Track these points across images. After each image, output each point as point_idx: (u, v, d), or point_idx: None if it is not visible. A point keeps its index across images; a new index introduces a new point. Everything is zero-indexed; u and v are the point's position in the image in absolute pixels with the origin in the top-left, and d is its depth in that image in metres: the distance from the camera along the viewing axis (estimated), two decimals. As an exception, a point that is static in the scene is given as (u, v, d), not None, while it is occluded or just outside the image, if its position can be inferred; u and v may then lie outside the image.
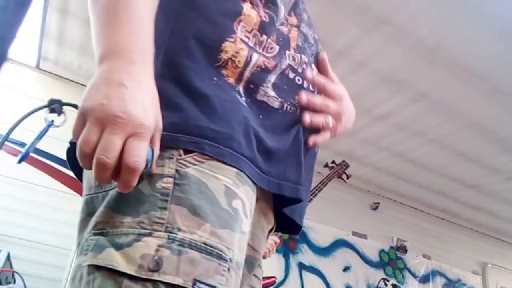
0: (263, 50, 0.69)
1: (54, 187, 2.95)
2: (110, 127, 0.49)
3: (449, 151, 3.53)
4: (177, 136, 0.58)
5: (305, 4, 0.87)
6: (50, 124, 0.59)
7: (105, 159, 0.48)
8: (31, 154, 2.99)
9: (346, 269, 4.05)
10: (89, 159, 0.50)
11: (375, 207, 4.47)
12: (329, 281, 3.89)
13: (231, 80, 0.65)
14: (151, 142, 0.53)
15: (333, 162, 2.87)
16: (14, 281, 2.33)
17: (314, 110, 0.73)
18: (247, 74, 0.66)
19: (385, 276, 4.10)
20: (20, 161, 0.56)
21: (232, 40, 0.66)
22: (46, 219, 2.84)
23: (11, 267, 2.32)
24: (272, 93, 0.68)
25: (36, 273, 2.65)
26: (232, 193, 0.59)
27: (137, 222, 0.54)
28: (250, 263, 0.72)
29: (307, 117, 0.71)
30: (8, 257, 2.26)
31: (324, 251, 3.99)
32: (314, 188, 2.55)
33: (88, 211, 0.60)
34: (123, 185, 0.51)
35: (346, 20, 2.36)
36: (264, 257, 2.07)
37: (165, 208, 0.54)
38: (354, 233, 4.22)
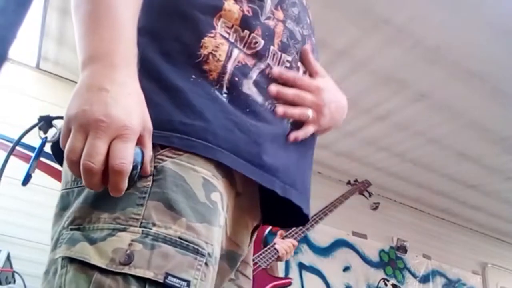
0: (244, 46, 0.68)
1: (54, 187, 2.95)
2: (93, 132, 0.49)
3: (449, 151, 3.53)
4: (170, 134, 0.58)
5: None
6: (44, 141, 0.61)
7: (90, 164, 0.49)
8: (30, 154, 2.99)
9: (346, 269, 4.05)
10: (77, 166, 0.50)
11: (375, 207, 4.47)
12: (329, 281, 3.89)
13: (214, 75, 0.64)
14: (141, 143, 0.53)
15: (356, 180, 2.97)
16: (14, 281, 2.33)
17: (288, 102, 0.70)
18: (230, 67, 0.65)
19: (385, 276, 4.10)
20: (24, 183, 0.58)
21: (211, 35, 0.66)
22: (46, 219, 2.82)
23: (11, 267, 2.31)
24: (254, 89, 0.68)
25: (36, 273, 2.64)
26: (210, 185, 0.59)
27: (113, 218, 0.54)
28: (232, 258, 0.71)
29: (280, 109, 0.69)
30: (8, 257, 2.26)
31: (324, 251, 3.99)
32: (335, 201, 2.58)
33: (63, 206, 0.61)
34: (113, 189, 0.51)
35: (346, 20, 2.36)
36: (281, 259, 2.09)
37: (142, 205, 0.55)
38: (354, 233, 4.21)
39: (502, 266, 5.10)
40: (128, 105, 0.51)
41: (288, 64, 0.73)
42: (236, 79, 0.66)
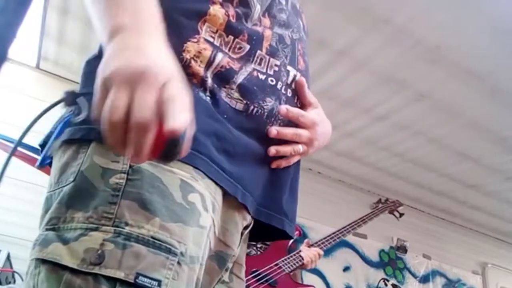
0: (229, 50, 0.69)
1: (54, 187, 2.96)
2: (141, 84, 0.45)
3: (449, 151, 3.53)
4: None
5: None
6: (68, 119, 0.58)
7: (145, 118, 0.45)
8: (31, 154, 3.00)
9: (346, 269, 4.05)
10: (119, 130, 0.46)
11: (375, 207, 4.47)
12: (329, 281, 3.89)
13: (195, 81, 0.65)
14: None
15: (386, 199, 2.98)
16: (14, 281, 2.33)
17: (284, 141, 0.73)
18: (209, 74, 0.66)
19: (385, 276, 4.10)
20: (41, 165, 0.57)
21: (195, 40, 0.66)
22: (46, 219, 2.84)
23: (11, 267, 2.31)
24: (236, 94, 0.68)
25: (36, 273, 2.65)
26: (188, 186, 0.59)
27: (87, 217, 0.54)
28: (221, 258, 0.71)
29: (273, 150, 0.71)
30: (8, 257, 2.26)
31: (324, 251, 3.99)
32: (364, 216, 2.62)
33: (46, 208, 0.62)
34: (174, 124, 0.46)
35: (346, 20, 2.36)
36: (305, 267, 2.10)
37: (115, 203, 0.54)
38: (354, 233, 4.21)
39: (502, 266, 5.10)
40: (165, 59, 0.50)
41: (276, 68, 0.73)
42: (216, 85, 0.66)
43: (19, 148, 2.95)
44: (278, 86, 0.73)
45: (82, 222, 0.54)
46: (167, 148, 0.47)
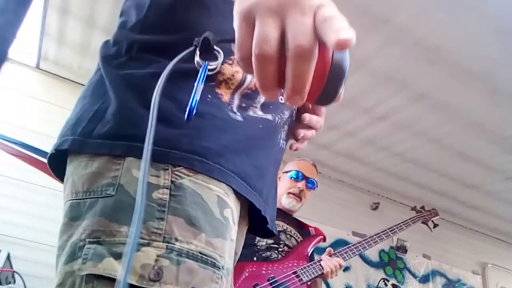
0: None
1: (54, 187, 2.95)
2: (292, 8, 0.39)
3: (449, 151, 3.53)
4: (169, 151, 0.59)
5: None
6: (206, 66, 0.53)
7: (307, 44, 0.38)
8: (31, 154, 2.98)
9: (346, 269, 4.04)
10: (273, 65, 0.40)
11: (375, 207, 4.47)
12: (329, 281, 3.89)
13: (225, 99, 0.66)
14: None
15: (422, 207, 2.84)
16: (14, 281, 2.33)
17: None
18: (237, 95, 0.68)
19: (385, 276, 4.10)
20: (188, 118, 0.52)
21: (230, 62, 0.67)
22: (46, 219, 2.83)
23: (11, 267, 2.31)
24: (259, 112, 0.71)
25: (36, 273, 2.65)
26: (223, 202, 0.61)
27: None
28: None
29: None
30: (8, 257, 2.26)
31: (322, 251, 3.99)
32: (395, 226, 2.52)
33: (72, 216, 0.60)
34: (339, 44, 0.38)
35: (346, 20, 2.36)
36: (325, 277, 2.04)
37: (162, 219, 0.55)
38: (354, 233, 4.21)
39: (502, 266, 5.10)
40: None
41: None
42: (243, 105, 0.69)
43: (18, 148, 2.95)
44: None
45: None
46: (331, 79, 0.41)
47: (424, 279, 4.52)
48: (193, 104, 0.51)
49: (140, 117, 0.59)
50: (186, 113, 0.52)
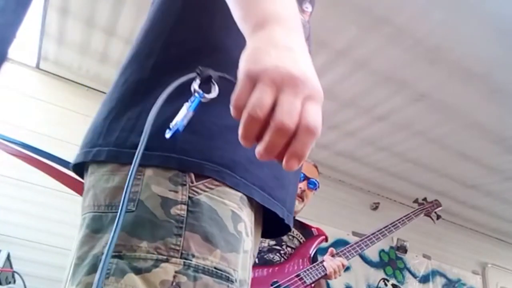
0: None
1: (54, 187, 2.95)
2: (289, 88, 0.45)
3: (449, 151, 3.53)
4: (203, 163, 0.61)
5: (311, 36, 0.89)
6: (201, 96, 0.56)
7: (289, 124, 0.44)
8: (31, 154, 2.98)
9: (346, 269, 3.99)
10: (258, 125, 0.45)
11: (375, 207, 4.47)
12: (329, 281, 3.89)
13: None
14: None
15: (424, 199, 2.76)
16: (14, 281, 2.33)
17: None
18: None
19: (385, 276, 4.10)
20: (171, 136, 0.54)
21: None
22: (46, 219, 2.84)
23: (11, 267, 2.32)
24: None
25: (36, 273, 2.65)
26: (237, 217, 0.63)
27: (154, 247, 0.56)
28: None
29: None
30: (8, 257, 2.26)
31: (324, 251, 3.98)
32: (397, 221, 2.47)
33: (94, 228, 0.62)
34: (301, 148, 0.45)
35: (346, 20, 2.36)
36: (329, 278, 2.03)
37: (180, 235, 0.57)
38: (354, 233, 4.21)
39: (502, 266, 5.10)
40: (313, 69, 0.49)
41: None
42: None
43: (18, 148, 2.95)
44: None
45: (151, 253, 0.56)
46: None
47: (424, 279, 4.52)
48: (179, 129, 0.54)
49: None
50: (171, 133, 0.54)
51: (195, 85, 0.56)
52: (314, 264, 2.00)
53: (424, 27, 2.34)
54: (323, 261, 2.03)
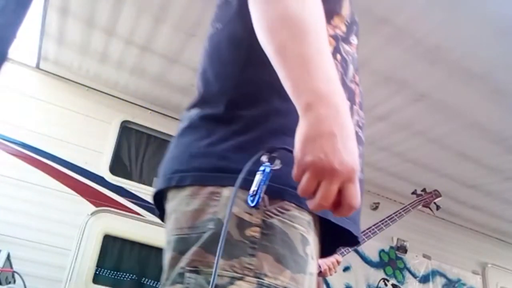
0: None
1: (54, 187, 2.95)
2: (328, 179, 0.56)
3: (449, 151, 3.53)
4: (285, 188, 0.66)
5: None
6: (271, 169, 0.64)
7: (325, 205, 0.57)
8: (30, 154, 2.99)
9: (346, 269, 4.05)
10: (308, 196, 0.58)
11: (375, 207, 4.46)
12: (329, 281, 3.89)
13: None
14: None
15: (423, 190, 2.71)
16: (14, 281, 2.33)
17: None
18: None
19: (385, 276, 4.10)
20: (255, 205, 0.62)
21: None
22: (46, 219, 2.84)
23: (11, 267, 2.32)
24: None
25: (36, 273, 2.65)
26: (305, 240, 0.68)
27: (229, 265, 0.61)
28: None
29: None
30: (8, 257, 2.26)
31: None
32: (394, 214, 2.43)
33: (180, 250, 0.67)
34: (343, 215, 0.60)
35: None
36: (324, 275, 2.01)
37: (253, 255, 0.62)
38: (354, 233, 4.21)
39: (502, 266, 5.10)
40: (353, 148, 0.58)
41: (363, 121, 0.85)
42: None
43: (18, 148, 2.95)
44: (361, 135, 0.83)
45: (227, 270, 0.61)
46: None
47: (424, 279, 4.52)
48: (259, 200, 0.61)
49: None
50: (255, 203, 0.61)
51: (264, 159, 0.64)
52: None
53: (424, 27, 2.34)
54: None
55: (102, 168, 3.17)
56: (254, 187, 0.62)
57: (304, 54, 0.59)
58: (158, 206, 0.80)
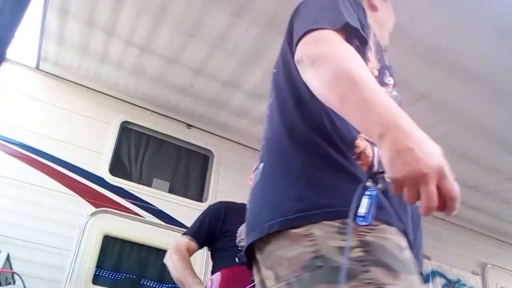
0: None
1: (54, 188, 2.95)
2: (424, 184, 0.63)
3: (449, 151, 3.46)
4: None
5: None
6: (377, 191, 0.75)
7: (432, 205, 0.63)
8: (30, 155, 2.98)
9: (346, 269, 4.04)
10: (434, 207, 0.65)
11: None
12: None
13: (365, 168, 0.83)
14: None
15: None
16: (14, 282, 2.33)
17: None
18: (375, 162, 0.84)
19: (385, 277, 4.09)
20: (365, 223, 0.71)
21: (360, 139, 0.85)
22: (45, 220, 2.83)
23: (11, 268, 2.31)
24: None
25: (36, 274, 2.64)
26: (400, 247, 0.76)
27: (352, 286, 0.68)
28: None
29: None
30: (8, 258, 2.25)
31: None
32: None
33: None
34: (452, 210, 0.66)
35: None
36: None
37: (367, 271, 0.69)
38: (354, 234, 4.22)
39: (502, 266, 5.10)
40: (431, 149, 0.68)
41: None
42: (381, 170, 0.80)
43: (18, 149, 2.95)
44: None
45: None
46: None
47: (424, 280, 4.51)
48: (371, 219, 0.70)
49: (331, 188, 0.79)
50: (367, 222, 0.70)
51: (369, 184, 0.75)
52: None
53: (424, 27, 2.34)
54: None
55: (101, 168, 3.16)
56: (364, 210, 0.71)
57: (361, 97, 0.71)
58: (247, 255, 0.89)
